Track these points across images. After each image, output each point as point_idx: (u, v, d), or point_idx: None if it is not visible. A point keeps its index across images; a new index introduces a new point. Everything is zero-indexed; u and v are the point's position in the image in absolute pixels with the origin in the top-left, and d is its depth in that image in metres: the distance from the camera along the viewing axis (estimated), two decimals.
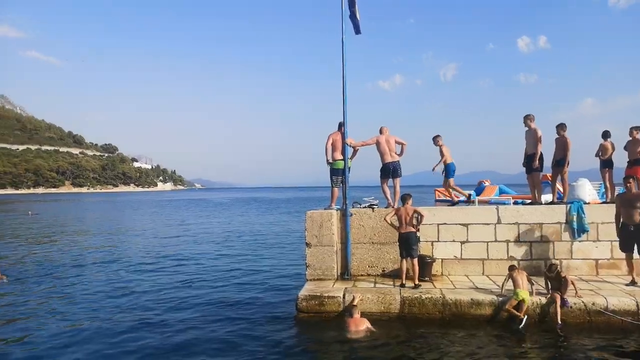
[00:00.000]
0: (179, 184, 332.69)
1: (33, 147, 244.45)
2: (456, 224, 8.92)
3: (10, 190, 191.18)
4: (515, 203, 11.25)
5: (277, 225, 29.16)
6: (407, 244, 8.03)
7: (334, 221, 8.95)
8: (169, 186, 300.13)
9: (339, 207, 9.36)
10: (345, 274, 8.86)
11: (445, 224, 8.92)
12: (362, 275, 8.96)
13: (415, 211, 8.19)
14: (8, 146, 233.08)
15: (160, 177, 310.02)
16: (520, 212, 8.89)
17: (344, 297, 7.57)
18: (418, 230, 8.19)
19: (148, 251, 17.33)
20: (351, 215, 9.02)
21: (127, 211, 51.28)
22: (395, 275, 8.72)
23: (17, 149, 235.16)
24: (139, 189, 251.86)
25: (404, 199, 8.30)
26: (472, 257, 8.88)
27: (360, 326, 6.80)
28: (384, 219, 8.37)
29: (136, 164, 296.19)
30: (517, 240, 8.80)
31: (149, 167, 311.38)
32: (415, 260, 8.03)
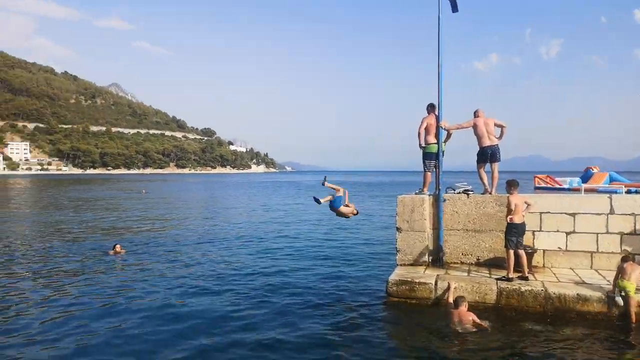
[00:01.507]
0: (271, 167, 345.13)
1: (142, 131, 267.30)
2: (561, 213, 8.28)
3: (123, 170, 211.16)
4: (629, 192, 10.12)
5: (368, 208, 29.16)
6: (523, 233, 7.52)
7: (426, 206, 8.74)
8: (261, 168, 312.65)
9: (431, 192, 9.10)
10: (436, 260, 8.65)
11: (548, 212, 8.32)
12: (454, 263, 8.68)
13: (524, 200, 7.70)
14: (121, 130, 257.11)
15: (254, 160, 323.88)
16: (637, 202, 8.02)
17: (435, 284, 7.40)
18: None
19: (245, 232, 18.24)
20: (444, 200, 8.74)
21: (226, 192, 54.33)
22: (491, 264, 8.34)
23: (129, 133, 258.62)
24: (235, 170, 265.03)
25: (514, 185, 7.61)
26: (578, 249, 8.21)
27: (465, 319, 6.36)
28: (516, 205, 7.55)
29: (232, 147, 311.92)
30: (633, 233, 7.97)
31: (244, 150, 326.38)
32: (523, 251, 7.54)
